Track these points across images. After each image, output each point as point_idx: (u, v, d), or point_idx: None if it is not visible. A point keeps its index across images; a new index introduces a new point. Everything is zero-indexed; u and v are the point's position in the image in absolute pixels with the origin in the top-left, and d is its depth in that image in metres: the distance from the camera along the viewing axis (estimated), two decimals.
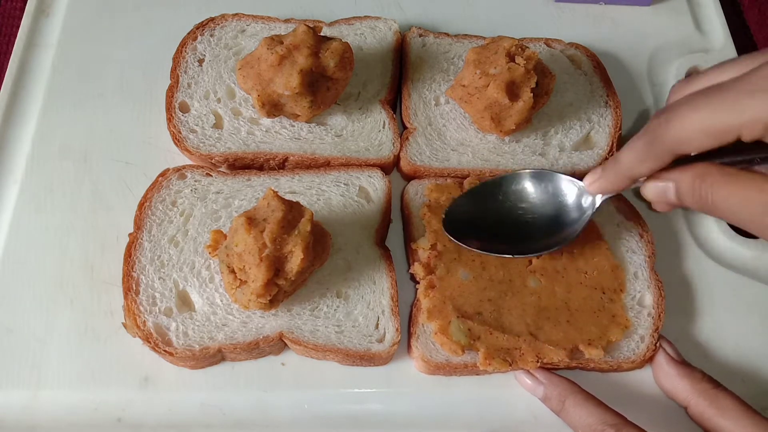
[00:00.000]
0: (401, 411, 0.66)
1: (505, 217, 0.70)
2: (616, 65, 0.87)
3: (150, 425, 0.64)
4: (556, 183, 0.69)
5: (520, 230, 0.69)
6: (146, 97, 0.80)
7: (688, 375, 0.63)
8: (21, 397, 0.65)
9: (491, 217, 0.70)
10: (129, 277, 0.66)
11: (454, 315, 0.65)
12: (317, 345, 0.64)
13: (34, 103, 0.80)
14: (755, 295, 0.73)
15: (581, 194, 0.68)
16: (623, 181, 0.62)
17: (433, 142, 0.76)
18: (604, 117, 0.79)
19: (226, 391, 0.66)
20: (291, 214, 0.61)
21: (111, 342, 0.67)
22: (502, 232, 0.69)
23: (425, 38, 0.83)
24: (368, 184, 0.73)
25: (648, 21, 0.91)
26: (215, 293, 0.66)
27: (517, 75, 0.70)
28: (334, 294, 0.67)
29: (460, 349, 0.64)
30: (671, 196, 0.59)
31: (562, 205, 0.69)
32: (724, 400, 0.61)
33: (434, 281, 0.67)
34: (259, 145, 0.74)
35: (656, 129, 0.56)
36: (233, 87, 0.77)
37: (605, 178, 0.64)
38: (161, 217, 0.70)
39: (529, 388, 0.65)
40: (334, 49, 0.70)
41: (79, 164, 0.76)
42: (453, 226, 0.69)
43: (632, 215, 0.74)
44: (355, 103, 0.78)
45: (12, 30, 0.88)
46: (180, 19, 0.82)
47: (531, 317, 0.66)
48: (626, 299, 0.69)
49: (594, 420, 0.59)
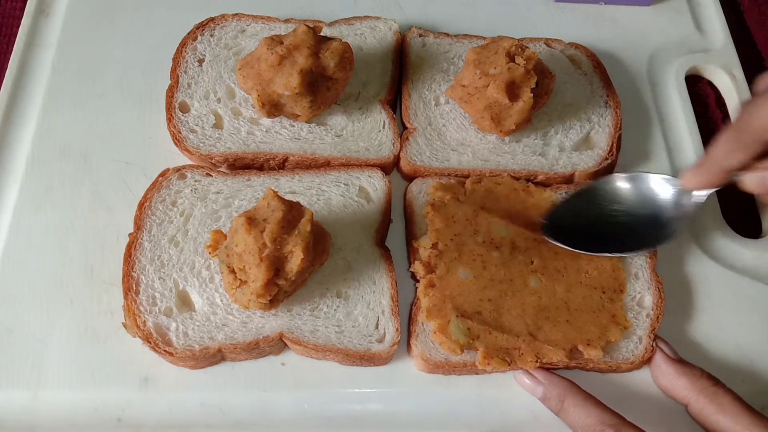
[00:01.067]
0: (401, 411, 0.66)
1: (602, 222, 0.71)
2: (616, 65, 0.87)
3: (150, 425, 0.64)
4: (652, 183, 0.71)
5: (618, 232, 0.70)
6: (146, 97, 0.80)
7: (687, 373, 0.63)
8: (21, 397, 0.65)
9: (589, 223, 0.71)
10: (129, 277, 0.66)
11: (454, 314, 0.65)
12: (317, 345, 0.64)
13: (34, 103, 0.80)
14: (755, 295, 0.73)
15: (679, 192, 0.68)
16: (717, 174, 0.63)
17: (433, 142, 0.76)
18: (604, 117, 0.79)
19: (226, 391, 0.66)
20: (291, 214, 0.61)
21: (111, 342, 0.67)
22: (602, 235, 0.70)
23: (425, 38, 0.83)
24: (368, 184, 0.73)
25: (648, 21, 0.91)
26: (215, 293, 0.66)
27: (517, 75, 0.70)
28: (334, 294, 0.67)
29: (459, 349, 0.64)
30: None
31: (660, 205, 0.70)
32: (723, 397, 0.61)
33: (434, 280, 0.67)
34: (259, 145, 0.74)
35: (742, 119, 0.59)
36: (233, 87, 0.77)
37: (700, 173, 0.65)
38: (161, 217, 0.70)
39: (528, 388, 0.65)
40: (334, 49, 0.70)
41: (79, 164, 0.76)
42: (553, 230, 0.70)
43: None
44: (355, 103, 0.78)
45: (12, 30, 0.88)
46: (180, 19, 0.82)
47: (530, 317, 0.66)
48: (626, 300, 0.69)
49: (593, 420, 0.59)
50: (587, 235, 0.70)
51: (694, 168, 0.66)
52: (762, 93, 0.58)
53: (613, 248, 0.69)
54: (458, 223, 0.70)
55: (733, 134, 0.60)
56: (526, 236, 0.70)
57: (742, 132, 0.59)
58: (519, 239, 0.70)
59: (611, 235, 0.70)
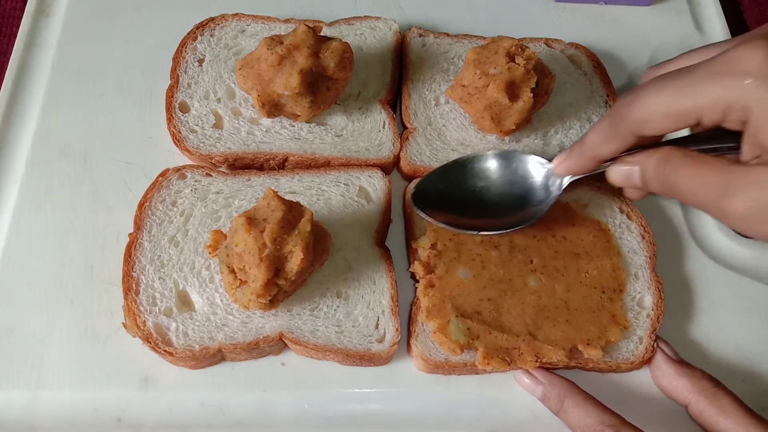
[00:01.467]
0: (401, 411, 0.66)
1: (473, 195, 0.71)
2: (616, 65, 0.87)
3: (150, 425, 0.64)
4: (525, 164, 0.70)
5: (487, 208, 0.70)
6: (146, 97, 0.80)
7: (687, 374, 0.63)
8: (21, 397, 0.65)
9: (459, 194, 0.71)
10: (129, 277, 0.66)
11: (453, 314, 0.65)
12: (317, 345, 0.64)
13: (34, 103, 0.80)
14: (755, 295, 0.73)
15: (549, 175, 0.68)
16: (589, 162, 0.63)
17: (433, 142, 0.76)
18: None
19: (226, 391, 0.66)
20: (291, 214, 0.61)
21: (111, 342, 0.67)
22: (470, 209, 0.70)
23: (425, 38, 0.83)
24: (368, 184, 0.73)
25: (648, 21, 0.91)
26: (215, 293, 0.66)
27: (517, 75, 0.70)
28: (334, 294, 0.67)
29: (459, 348, 0.64)
30: (636, 179, 0.60)
31: (530, 186, 0.70)
32: (723, 399, 0.61)
33: (434, 280, 0.67)
34: (259, 145, 0.74)
35: (619, 109, 0.57)
36: (233, 87, 0.77)
37: (572, 159, 0.65)
38: (161, 217, 0.70)
39: (528, 388, 0.65)
40: (334, 49, 0.70)
41: (79, 164, 0.76)
42: (421, 199, 0.70)
43: (634, 215, 0.74)
44: (355, 103, 0.78)
45: (12, 30, 0.88)
46: (180, 19, 0.82)
47: (530, 317, 0.66)
48: (626, 300, 0.69)
49: (593, 420, 0.59)
50: (456, 209, 0.70)
51: (567, 152, 0.66)
52: (643, 85, 0.56)
53: (476, 226, 0.69)
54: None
55: (610, 124, 0.58)
56: (526, 235, 0.70)
57: (618, 123, 0.57)
58: (518, 238, 0.70)
59: (481, 212, 0.70)
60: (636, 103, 0.55)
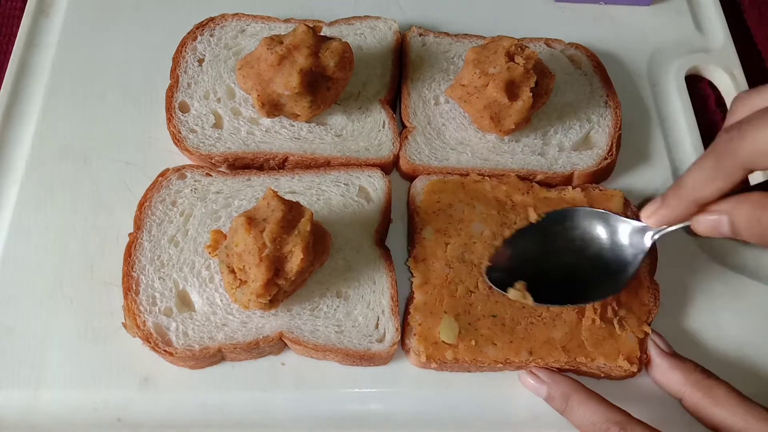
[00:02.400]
0: (401, 411, 0.66)
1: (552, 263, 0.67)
2: (616, 65, 0.86)
3: (150, 425, 0.64)
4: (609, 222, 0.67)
5: (569, 276, 0.66)
6: (146, 97, 0.80)
7: (680, 367, 0.63)
8: (21, 397, 0.65)
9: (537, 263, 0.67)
10: (129, 277, 0.66)
11: (447, 311, 0.65)
12: (317, 345, 0.64)
13: (34, 103, 0.80)
14: (755, 295, 0.73)
15: (635, 231, 0.64)
16: (689, 207, 0.57)
17: (433, 141, 0.76)
18: (604, 117, 0.79)
19: (226, 391, 0.66)
20: (291, 214, 0.61)
21: (111, 342, 0.67)
22: (550, 278, 0.66)
23: (425, 38, 0.83)
24: (368, 184, 0.73)
25: (648, 21, 0.91)
26: (215, 293, 0.66)
27: (516, 74, 0.70)
28: (334, 294, 0.67)
29: (452, 344, 0.64)
30: (725, 229, 0.56)
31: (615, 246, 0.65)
32: (717, 389, 0.60)
33: (429, 276, 0.67)
34: (259, 145, 0.74)
35: (727, 143, 0.52)
36: (233, 87, 0.77)
37: (668, 206, 0.59)
38: (161, 217, 0.70)
39: (532, 388, 0.65)
40: (334, 49, 0.70)
41: (79, 164, 0.76)
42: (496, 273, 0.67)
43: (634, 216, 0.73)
44: (355, 102, 0.78)
45: (12, 30, 0.88)
46: (180, 19, 0.82)
47: (526, 314, 0.66)
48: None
49: (599, 418, 0.59)
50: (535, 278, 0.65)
51: (659, 200, 0.60)
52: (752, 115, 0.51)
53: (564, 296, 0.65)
54: (457, 220, 0.70)
55: (714, 160, 0.53)
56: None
57: (725, 158, 0.52)
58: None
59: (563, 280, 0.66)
60: (748, 135, 0.50)
